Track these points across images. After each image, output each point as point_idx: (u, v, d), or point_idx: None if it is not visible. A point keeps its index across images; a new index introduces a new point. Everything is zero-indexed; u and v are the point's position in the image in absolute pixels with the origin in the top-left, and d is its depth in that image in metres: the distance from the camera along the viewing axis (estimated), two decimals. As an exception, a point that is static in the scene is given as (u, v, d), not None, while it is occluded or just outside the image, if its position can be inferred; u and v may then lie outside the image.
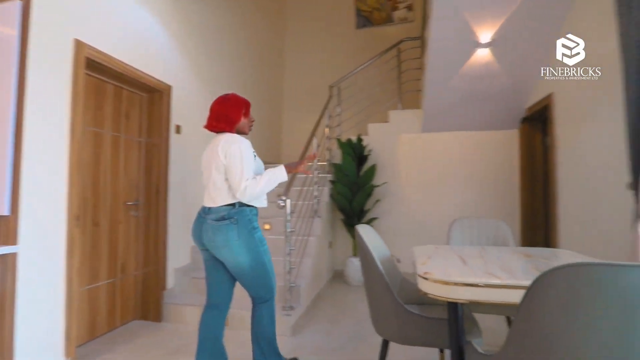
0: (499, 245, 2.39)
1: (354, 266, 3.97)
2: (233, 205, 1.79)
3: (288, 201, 2.71)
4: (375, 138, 4.40)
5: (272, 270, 1.90)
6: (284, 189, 2.77)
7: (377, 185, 4.06)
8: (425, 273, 1.39)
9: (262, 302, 1.88)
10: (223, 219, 1.75)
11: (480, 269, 1.50)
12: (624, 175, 2.22)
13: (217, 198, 1.79)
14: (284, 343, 2.38)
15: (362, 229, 1.84)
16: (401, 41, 4.54)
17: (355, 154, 4.09)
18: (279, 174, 1.86)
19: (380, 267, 1.65)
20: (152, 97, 2.86)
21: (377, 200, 4.14)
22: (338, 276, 4.38)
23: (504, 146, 4.28)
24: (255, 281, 1.84)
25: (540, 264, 1.63)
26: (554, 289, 0.85)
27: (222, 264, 1.85)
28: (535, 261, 1.68)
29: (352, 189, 4.04)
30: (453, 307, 1.41)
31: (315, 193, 3.77)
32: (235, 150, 1.75)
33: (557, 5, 2.94)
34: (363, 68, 4.68)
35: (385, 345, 1.72)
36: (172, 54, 3.07)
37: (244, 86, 4.43)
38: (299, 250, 3.22)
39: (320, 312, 3.12)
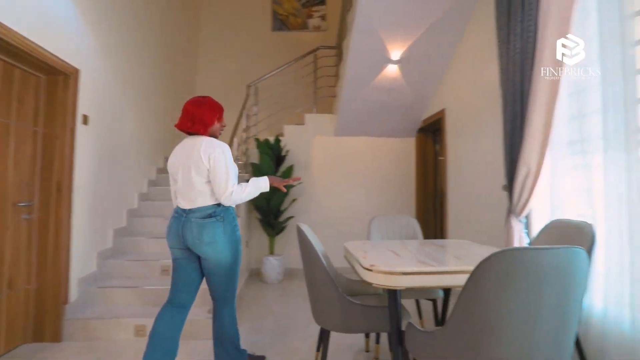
0: (410, 239, 2.76)
1: (271, 265, 4.03)
2: (218, 204, 1.83)
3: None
4: (292, 139, 4.54)
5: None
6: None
7: (294, 185, 4.20)
8: (372, 265, 1.57)
9: (224, 303, 1.91)
10: (210, 216, 1.80)
11: (412, 259, 1.76)
12: (501, 178, 2.80)
13: (198, 199, 1.81)
14: (212, 346, 2.32)
15: (304, 227, 1.94)
16: (318, 48, 4.76)
17: (273, 154, 4.15)
18: (263, 184, 1.94)
19: (325, 262, 1.78)
20: (53, 80, 2.43)
21: (294, 200, 4.28)
22: (254, 275, 4.39)
23: (404, 152, 4.86)
24: (227, 280, 1.88)
25: (455, 252, 1.97)
26: (493, 270, 1.08)
27: (194, 263, 1.88)
28: (450, 250, 2.02)
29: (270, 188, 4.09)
30: (393, 294, 1.63)
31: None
32: (219, 155, 1.77)
33: (451, 35, 3.51)
34: (281, 70, 4.77)
35: (326, 335, 1.85)
36: (83, 34, 2.68)
37: (156, 78, 4.09)
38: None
39: (244, 312, 3.11)
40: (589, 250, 1.78)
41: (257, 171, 4.11)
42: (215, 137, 1.96)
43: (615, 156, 1.86)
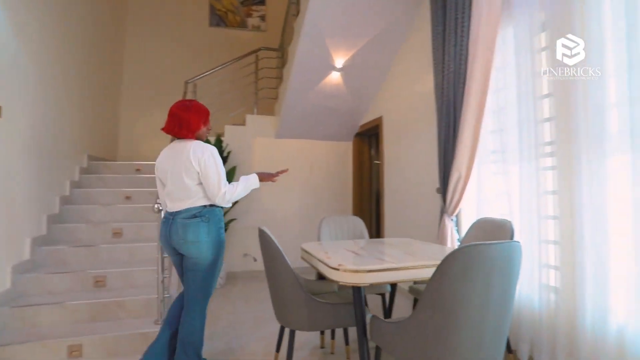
0: (357, 238, 2.95)
1: (214, 269, 3.92)
2: (204, 205, 1.87)
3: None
4: (232, 140, 4.46)
5: None
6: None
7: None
8: (339, 265, 1.68)
9: (195, 305, 1.91)
10: (194, 216, 1.84)
11: (371, 258, 1.92)
12: (435, 182, 3.15)
13: (187, 201, 1.85)
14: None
15: (267, 230, 1.98)
16: (260, 49, 4.74)
17: (215, 155, 4.03)
18: (253, 181, 2.01)
19: (290, 265, 1.84)
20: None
21: (235, 202, 4.21)
22: (192, 281, 4.22)
23: (342, 155, 5.10)
24: (204, 280, 1.89)
25: (406, 249, 2.18)
26: (457, 264, 1.27)
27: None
28: (401, 248, 2.23)
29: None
30: (357, 291, 1.76)
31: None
32: (209, 159, 1.82)
33: (389, 48, 3.81)
34: (221, 68, 4.64)
35: (292, 335, 1.91)
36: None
37: (79, 70, 3.67)
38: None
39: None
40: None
41: (198, 172, 3.95)
42: (202, 140, 1.98)
43: (527, 165, 2.26)
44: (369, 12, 3.40)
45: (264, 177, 2.09)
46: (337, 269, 1.69)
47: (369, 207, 5.04)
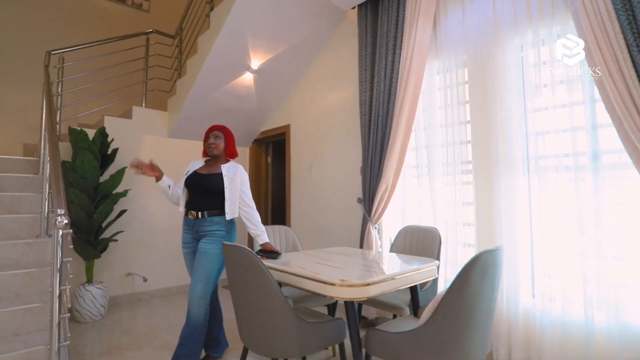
0: (291, 249, 2.85)
1: (91, 296, 3.09)
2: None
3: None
4: (117, 134, 3.63)
5: None
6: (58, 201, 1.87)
7: (124, 194, 3.39)
8: (342, 280, 1.61)
9: (199, 301, 2.08)
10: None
11: (357, 270, 1.90)
12: (354, 192, 3.34)
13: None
14: None
15: (243, 247, 1.72)
16: (152, 31, 4.04)
17: (97, 151, 3.20)
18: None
19: (280, 290, 1.64)
20: None
21: (124, 211, 3.44)
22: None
23: (239, 160, 4.82)
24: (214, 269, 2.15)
25: (367, 258, 2.25)
26: (476, 269, 1.40)
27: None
28: (362, 257, 2.28)
29: (93, 196, 3.15)
30: (351, 305, 1.72)
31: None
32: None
33: (304, 59, 3.87)
34: (98, 45, 3.74)
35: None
36: None
37: None
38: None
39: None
40: (439, 248, 2.47)
41: (73, 173, 3.06)
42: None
43: (450, 179, 2.68)
44: (295, 19, 3.39)
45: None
46: (334, 285, 1.62)
47: (268, 216, 4.91)
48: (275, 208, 4.91)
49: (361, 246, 3.11)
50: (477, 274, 1.43)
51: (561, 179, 2.10)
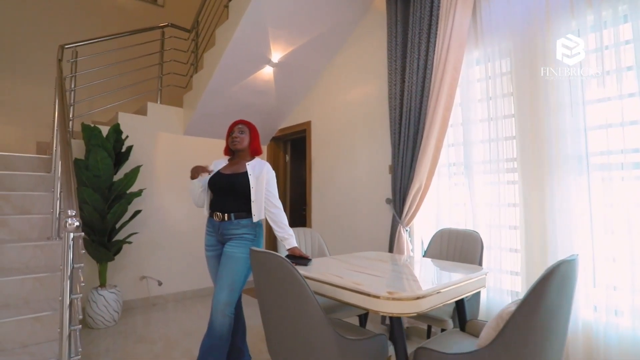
0: (318, 254, 2.64)
1: (104, 301, 2.93)
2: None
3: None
4: (131, 131, 3.48)
5: None
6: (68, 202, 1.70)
7: (138, 193, 3.23)
8: (390, 293, 1.40)
9: (224, 308, 1.88)
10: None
11: (398, 280, 1.69)
12: (382, 193, 3.12)
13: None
14: None
15: (277, 254, 1.52)
16: (167, 25, 3.89)
17: (111, 148, 3.05)
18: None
19: (318, 304, 1.43)
20: None
21: (138, 211, 3.28)
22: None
23: (256, 159, 4.63)
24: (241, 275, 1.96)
25: (408, 264, 2.04)
26: (555, 280, 1.18)
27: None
28: (401, 264, 2.07)
29: (107, 196, 3.00)
30: (398, 321, 1.51)
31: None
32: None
33: (327, 51, 3.67)
34: (112, 39, 3.61)
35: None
36: None
37: None
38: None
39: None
40: (481, 253, 2.24)
41: (86, 171, 2.91)
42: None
43: (492, 178, 2.44)
44: (319, 8, 3.19)
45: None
46: (379, 297, 1.41)
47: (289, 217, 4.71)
48: (293, 209, 4.72)
49: (390, 250, 2.90)
50: (555, 287, 1.21)
51: (628, 177, 1.86)
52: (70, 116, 3.17)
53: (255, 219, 2.02)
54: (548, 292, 1.19)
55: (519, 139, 2.31)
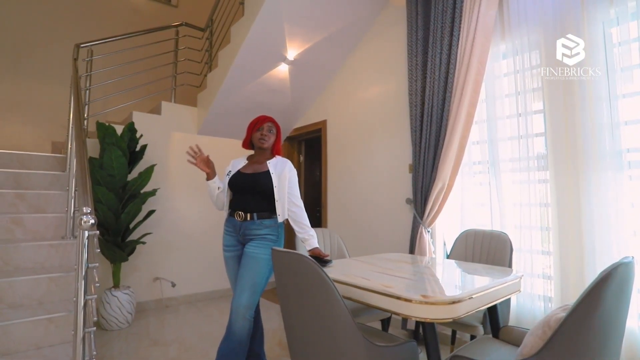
0: (339, 256, 2.55)
1: (117, 302, 2.88)
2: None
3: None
4: (145, 130, 3.44)
5: None
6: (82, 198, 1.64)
7: (152, 193, 3.18)
8: (424, 297, 1.30)
9: (245, 312, 1.79)
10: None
11: (432, 282, 1.59)
12: (400, 193, 3.02)
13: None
14: None
15: (305, 256, 1.43)
16: (182, 24, 3.86)
17: (125, 147, 3.01)
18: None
19: (347, 308, 1.34)
20: None
21: (152, 211, 3.23)
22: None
23: (270, 159, 4.56)
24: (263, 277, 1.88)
25: (435, 267, 1.93)
26: (612, 285, 1.07)
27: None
28: (428, 266, 1.97)
29: (121, 195, 2.95)
30: (431, 326, 1.41)
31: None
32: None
33: (344, 48, 3.59)
34: (127, 37, 3.58)
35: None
36: None
37: None
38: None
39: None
40: (510, 255, 2.12)
41: (100, 170, 2.87)
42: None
43: (521, 176, 2.32)
44: (336, 4, 3.11)
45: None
46: (411, 301, 1.31)
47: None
48: (307, 211, 4.62)
49: (411, 251, 2.79)
50: (613, 291, 1.09)
51: (676, 174, 1.73)
52: (85, 115, 3.14)
53: (280, 219, 1.94)
54: (605, 297, 1.07)
55: (549, 135, 2.19)
